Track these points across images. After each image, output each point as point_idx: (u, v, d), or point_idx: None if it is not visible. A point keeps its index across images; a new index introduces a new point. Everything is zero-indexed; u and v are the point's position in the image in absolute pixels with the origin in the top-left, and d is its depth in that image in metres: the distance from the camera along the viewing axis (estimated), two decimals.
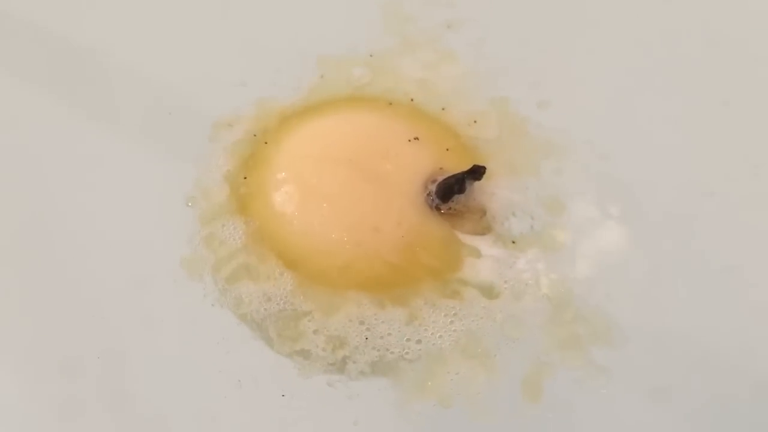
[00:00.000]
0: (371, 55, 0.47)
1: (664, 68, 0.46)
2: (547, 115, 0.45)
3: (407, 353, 0.38)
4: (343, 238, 0.39)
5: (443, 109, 0.44)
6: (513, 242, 0.41)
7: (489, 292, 0.40)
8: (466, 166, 0.40)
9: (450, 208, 0.41)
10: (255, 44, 0.47)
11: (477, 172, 0.39)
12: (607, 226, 0.42)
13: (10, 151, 0.44)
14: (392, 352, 0.38)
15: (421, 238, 0.40)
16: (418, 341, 0.39)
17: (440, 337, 0.39)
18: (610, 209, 0.42)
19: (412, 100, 0.45)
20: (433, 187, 0.40)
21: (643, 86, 0.46)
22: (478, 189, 0.41)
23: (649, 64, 0.46)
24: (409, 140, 0.41)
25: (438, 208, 0.40)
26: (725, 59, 0.46)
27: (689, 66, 0.46)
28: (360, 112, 0.43)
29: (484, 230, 0.41)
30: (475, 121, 0.44)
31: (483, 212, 0.41)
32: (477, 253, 0.40)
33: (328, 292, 0.39)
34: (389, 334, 0.39)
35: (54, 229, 0.42)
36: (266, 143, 0.43)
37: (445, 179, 0.40)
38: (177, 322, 0.40)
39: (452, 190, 0.40)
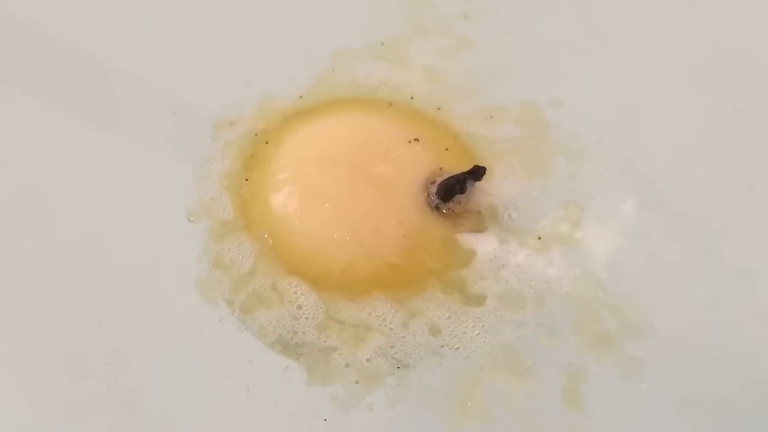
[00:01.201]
0: (382, 44, 0.47)
1: (681, 72, 0.46)
2: (559, 114, 0.45)
3: (441, 375, 0.39)
4: (344, 238, 0.39)
5: (439, 108, 0.45)
6: (538, 238, 0.41)
7: (512, 299, 0.40)
8: (465, 166, 0.41)
9: (449, 209, 0.41)
10: (259, 42, 0.47)
11: (477, 173, 0.40)
12: (624, 222, 0.43)
13: (18, 157, 0.44)
14: (425, 374, 0.39)
15: (422, 237, 0.40)
16: (450, 359, 0.39)
17: (471, 349, 0.39)
18: (625, 206, 0.43)
19: (411, 98, 0.45)
20: (433, 188, 0.41)
21: (658, 88, 0.46)
22: (479, 189, 0.42)
23: (666, 67, 0.46)
24: (409, 141, 0.42)
25: (438, 208, 0.41)
26: (738, 66, 0.47)
27: (705, 72, 0.46)
28: (360, 113, 0.44)
29: (482, 228, 0.41)
30: (491, 116, 0.45)
31: (479, 211, 0.42)
32: (492, 257, 0.41)
33: (339, 299, 0.40)
34: (418, 354, 0.39)
35: (59, 238, 0.42)
36: (267, 143, 0.43)
37: (445, 179, 0.40)
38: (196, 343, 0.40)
39: (453, 190, 0.40)
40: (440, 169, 0.41)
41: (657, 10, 0.48)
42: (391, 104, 0.45)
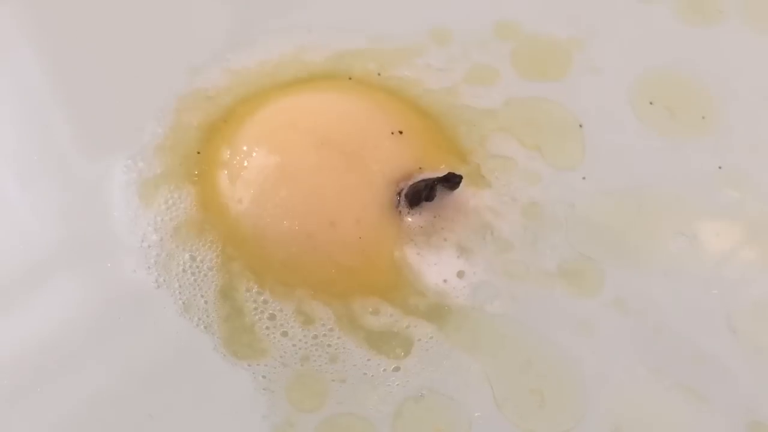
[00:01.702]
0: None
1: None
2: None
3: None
4: (294, 227, 0.36)
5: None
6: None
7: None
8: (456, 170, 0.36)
9: (417, 214, 0.37)
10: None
11: (451, 181, 0.35)
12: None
13: None
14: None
15: (378, 242, 0.36)
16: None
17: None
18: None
19: (378, 74, 0.40)
20: (404, 189, 0.36)
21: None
22: (454, 201, 0.37)
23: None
24: (392, 133, 0.37)
25: (401, 213, 0.36)
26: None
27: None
28: (343, 92, 0.40)
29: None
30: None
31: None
32: (443, 283, 0.36)
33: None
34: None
35: None
36: (226, 122, 0.39)
37: (415, 183, 0.36)
38: None
39: (420, 196, 0.36)
40: (420, 169, 0.37)
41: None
42: (380, 73, 0.40)
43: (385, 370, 0.35)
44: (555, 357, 0.35)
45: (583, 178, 0.39)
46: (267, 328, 0.35)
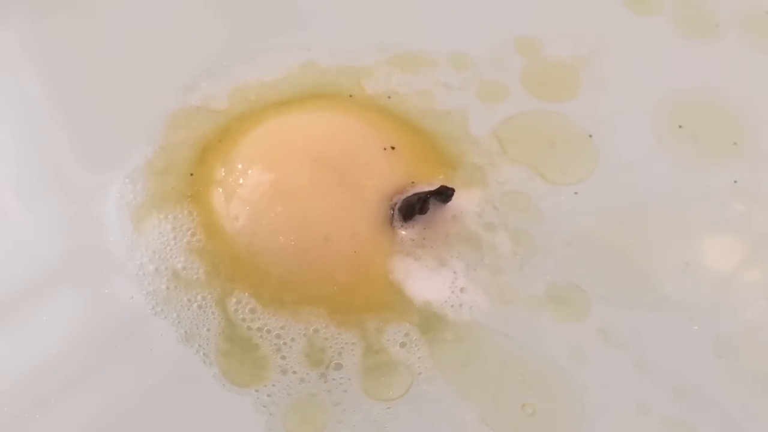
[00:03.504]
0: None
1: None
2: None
3: None
4: (290, 242, 0.36)
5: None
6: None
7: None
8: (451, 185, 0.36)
9: (409, 227, 0.37)
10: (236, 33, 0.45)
11: (444, 194, 0.36)
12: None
13: None
14: None
15: (374, 257, 0.36)
16: None
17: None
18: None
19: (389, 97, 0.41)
20: (398, 203, 0.36)
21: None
22: (449, 213, 0.37)
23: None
24: (385, 148, 0.38)
25: (394, 227, 0.37)
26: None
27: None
28: (335, 110, 0.40)
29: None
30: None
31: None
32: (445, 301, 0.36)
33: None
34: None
35: None
36: (220, 141, 0.40)
37: (408, 196, 0.36)
38: None
39: (413, 210, 0.36)
40: (412, 183, 0.37)
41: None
42: (389, 95, 0.41)
43: (379, 412, 0.34)
44: (549, 380, 0.35)
45: (575, 193, 0.39)
46: (268, 354, 0.35)
